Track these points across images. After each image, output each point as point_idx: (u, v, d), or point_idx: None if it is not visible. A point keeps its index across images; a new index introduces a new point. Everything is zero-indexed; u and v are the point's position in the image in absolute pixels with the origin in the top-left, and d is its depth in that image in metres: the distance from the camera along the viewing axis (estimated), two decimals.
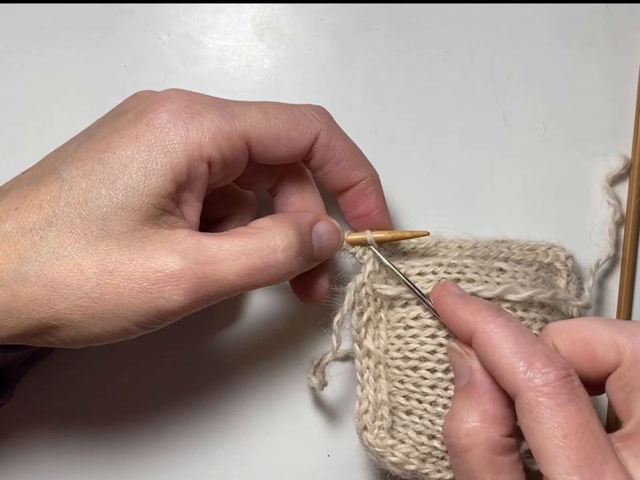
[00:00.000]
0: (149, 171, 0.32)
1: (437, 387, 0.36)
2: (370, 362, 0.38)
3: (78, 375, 0.44)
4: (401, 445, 0.37)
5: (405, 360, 0.37)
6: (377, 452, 0.37)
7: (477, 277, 0.37)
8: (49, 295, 0.32)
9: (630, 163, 0.45)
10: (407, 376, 0.37)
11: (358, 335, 0.38)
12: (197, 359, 0.45)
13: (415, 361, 0.37)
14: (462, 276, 0.37)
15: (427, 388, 0.37)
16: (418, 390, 0.37)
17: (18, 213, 0.32)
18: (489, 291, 0.36)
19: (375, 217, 0.39)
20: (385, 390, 0.38)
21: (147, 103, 0.34)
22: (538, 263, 0.41)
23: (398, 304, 0.38)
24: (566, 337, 0.33)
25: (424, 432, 0.37)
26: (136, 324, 0.33)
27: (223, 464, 0.44)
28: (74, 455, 0.44)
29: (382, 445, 0.37)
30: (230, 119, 0.34)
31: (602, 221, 0.45)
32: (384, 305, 0.38)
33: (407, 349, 0.37)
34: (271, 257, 0.34)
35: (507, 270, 0.38)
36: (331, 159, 0.37)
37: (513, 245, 0.41)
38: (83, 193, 0.32)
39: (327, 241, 0.37)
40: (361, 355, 0.38)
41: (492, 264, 0.38)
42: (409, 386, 0.37)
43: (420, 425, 0.37)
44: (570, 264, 0.41)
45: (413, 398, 0.37)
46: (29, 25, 0.46)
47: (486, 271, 0.38)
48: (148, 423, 0.44)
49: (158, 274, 0.32)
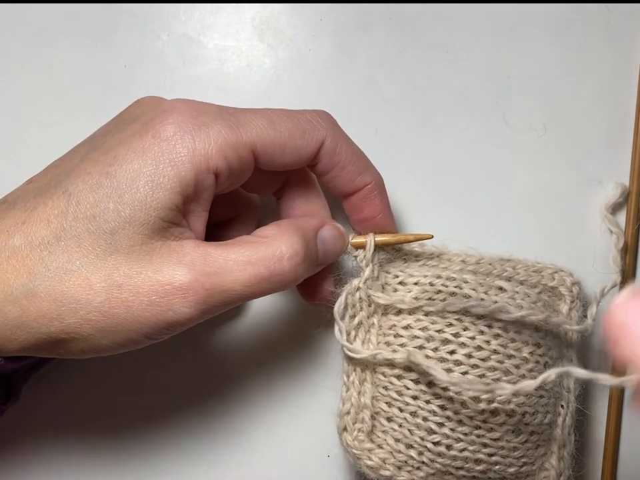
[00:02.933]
0: (157, 184, 0.32)
1: (419, 399, 0.36)
2: (357, 365, 0.38)
3: (81, 379, 0.44)
4: (379, 450, 0.37)
5: (391, 367, 0.37)
6: (355, 454, 0.37)
7: (473, 294, 0.37)
8: (59, 310, 0.32)
9: (628, 189, 0.45)
10: (391, 383, 0.37)
11: (348, 337, 0.38)
12: (199, 361, 0.45)
13: (399, 369, 0.37)
14: (459, 290, 0.37)
15: (409, 398, 0.36)
16: (400, 399, 0.37)
17: (26, 227, 0.32)
18: (482, 307, 0.36)
19: (379, 221, 0.39)
20: (369, 394, 0.38)
21: (153, 113, 0.34)
22: (542, 285, 0.40)
23: (391, 311, 0.38)
24: None
25: (402, 440, 0.37)
26: (144, 336, 0.33)
27: (224, 464, 0.44)
28: (77, 458, 0.44)
29: (360, 448, 0.37)
30: (236, 129, 0.34)
31: (602, 221, 0.45)
32: (377, 310, 0.38)
33: (395, 357, 0.37)
34: (277, 265, 0.34)
35: (507, 289, 0.38)
36: (337, 164, 0.37)
37: (519, 265, 0.41)
38: (91, 208, 0.32)
39: (332, 246, 0.38)
40: (349, 357, 0.38)
41: (493, 281, 0.38)
42: (392, 393, 0.37)
43: (399, 432, 0.37)
44: (575, 290, 0.41)
45: (394, 406, 0.37)
46: (29, 25, 0.46)
47: (485, 288, 0.37)
48: (150, 427, 0.44)
49: (166, 287, 0.32)
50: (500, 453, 0.37)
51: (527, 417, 0.37)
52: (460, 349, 0.36)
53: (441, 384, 0.35)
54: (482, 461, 0.37)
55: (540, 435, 0.38)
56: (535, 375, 0.36)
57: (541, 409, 0.38)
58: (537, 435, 0.38)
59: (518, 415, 0.36)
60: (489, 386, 0.33)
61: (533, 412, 0.37)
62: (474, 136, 0.46)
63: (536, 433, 0.38)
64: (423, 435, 0.36)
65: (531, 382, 0.31)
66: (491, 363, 0.36)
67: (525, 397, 0.36)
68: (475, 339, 0.36)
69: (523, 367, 0.37)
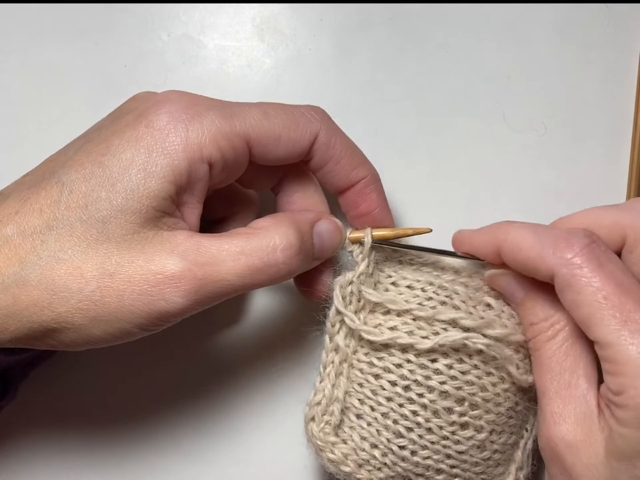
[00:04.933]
0: (149, 173, 0.32)
1: (393, 401, 0.36)
2: (336, 357, 0.37)
3: (79, 377, 0.44)
4: (343, 445, 0.37)
5: (370, 365, 0.37)
6: (318, 445, 0.37)
7: (462, 306, 0.37)
8: (50, 299, 0.32)
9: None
10: (368, 381, 0.37)
11: (332, 328, 0.37)
12: (197, 360, 0.45)
13: (379, 369, 0.37)
14: (449, 300, 0.37)
15: (383, 399, 0.36)
16: (374, 398, 0.37)
17: (19, 216, 0.32)
18: (470, 321, 0.35)
19: (376, 215, 0.39)
20: (342, 388, 0.37)
21: (147, 104, 0.34)
22: None
23: (380, 310, 0.38)
24: (567, 224, 0.36)
25: (368, 439, 0.37)
26: (137, 326, 0.33)
27: (223, 464, 0.44)
28: (75, 455, 0.44)
29: (324, 440, 0.37)
30: (230, 120, 0.34)
31: None
32: (366, 307, 0.38)
33: (375, 356, 0.37)
34: (270, 256, 0.34)
35: (495, 307, 0.38)
36: (331, 158, 0.37)
37: None
38: (83, 197, 0.32)
39: (328, 240, 0.37)
40: (329, 349, 0.38)
41: (482, 297, 0.38)
42: (366, 391, 0.37)
43: (366, 431, 0.37)
44: None
45: (367, 404, 0.37)
46: (29, 25, 0.46)
47: (474, 302, 0.37)
48: (149, 424, 0.44)
49: (158, 276, 0.32)
50: (462, 466, 0.37)
51: (494, 435, 0.37)
52: (442, 358, 0.36)
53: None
54: (443, 471, 0.36)
55: (502, 454, 0.38)
56: (509, 396, 0.37)
57: (507, 429, 0.37)
58: (499, 454, 0.38)
59: (485, 432, 0.36)
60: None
61: (500, 431, 0.37)
62: (474, 136, 0.46)
63: (499, 452, 0.38)
64: (390, 436, 0.36)
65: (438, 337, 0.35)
66: (469, 377, 0.36)
67: (495, 415, 0.36)
68: (459, 351, 0.36)
69: (498, 385, 0.36)
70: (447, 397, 0.35)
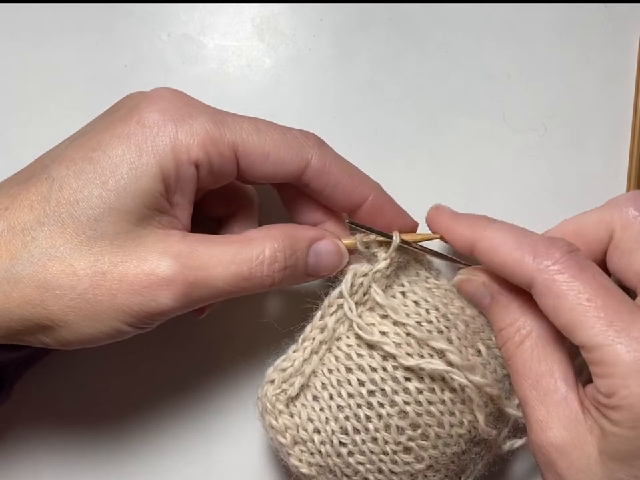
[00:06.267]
0: (140, 172, 0.32)
1: (353, 398, 0.36)
2: (319, 336, 0.37)
3: (75, 376, 0.44)
4: (288, 418, 0.37)
5: (347, 357, 0.37)
6: (266, 406, 0.37)
7: (456, 342, 0.37)
8: (42, 296, 0.32)
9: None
10: (338, 370, 0.37)
11: (328, 308, 0.37)
12: (196, 358, 0.44)
13: (353, 364, 0.36)
14: (446, 331, 0.37)
15: (345, 393, 0.36)
16: (337, 387, 0.36)
17: (9, 213, 0.32)
18: (458, 358, 0.35)
19: (397, 224, 0.39)
20: (311, 366, 0.37)
21: (139, 100, 0.34)
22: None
23: (379, 311, 0.37)
24: (556, 233, 0.36)
25: (314, 422, 0.36)
26: (128, 324, 0.33)
27: (223, 464, 0.44)
28: (72, 455, 0.44)
29: (273, 404, 0.37)
30: (220, 127, 0.34)
31: None
32: (367, 303, 0.38)
33: (355, 351, 0.37)
34: (257, 268, 0.34)
35: (483, 356, 0.38)
36: (328, 182, 0.37)
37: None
38: (74, 193, 0.32)
39: (326, 261, 0.37)
40: (316, 325, 0.37)
41: (476, 342, 0.38)
42: (332, 379, 0.37)
43: (316, 414, 0.37)
44: None
45: (328, 390, 0.37)
46: (29, 25, 0.46)
47: (467, 343, 0.37)
48: (146, 423, 0.44)
49: (151, 277, 0.32)
50: None
51: (430, 471, 0.37)
52: (416, 381, 0.36)
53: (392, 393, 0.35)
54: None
55: None
56: (460, 442, 0.37)
57: (444, 471, 0.37)
58: None
59: (424, 464, 0.36)
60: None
61: (437, 469, 0.37)
62: (474, 136, 0.46)
63: None
64: (335, 429, 0.36)
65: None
66: (433, 409, 0.36)
67: (440, 453, 0.36)
68: (435, 381, 0.36)
69: (455, 428, 0.36)
70: (405, 417, 0.35)
